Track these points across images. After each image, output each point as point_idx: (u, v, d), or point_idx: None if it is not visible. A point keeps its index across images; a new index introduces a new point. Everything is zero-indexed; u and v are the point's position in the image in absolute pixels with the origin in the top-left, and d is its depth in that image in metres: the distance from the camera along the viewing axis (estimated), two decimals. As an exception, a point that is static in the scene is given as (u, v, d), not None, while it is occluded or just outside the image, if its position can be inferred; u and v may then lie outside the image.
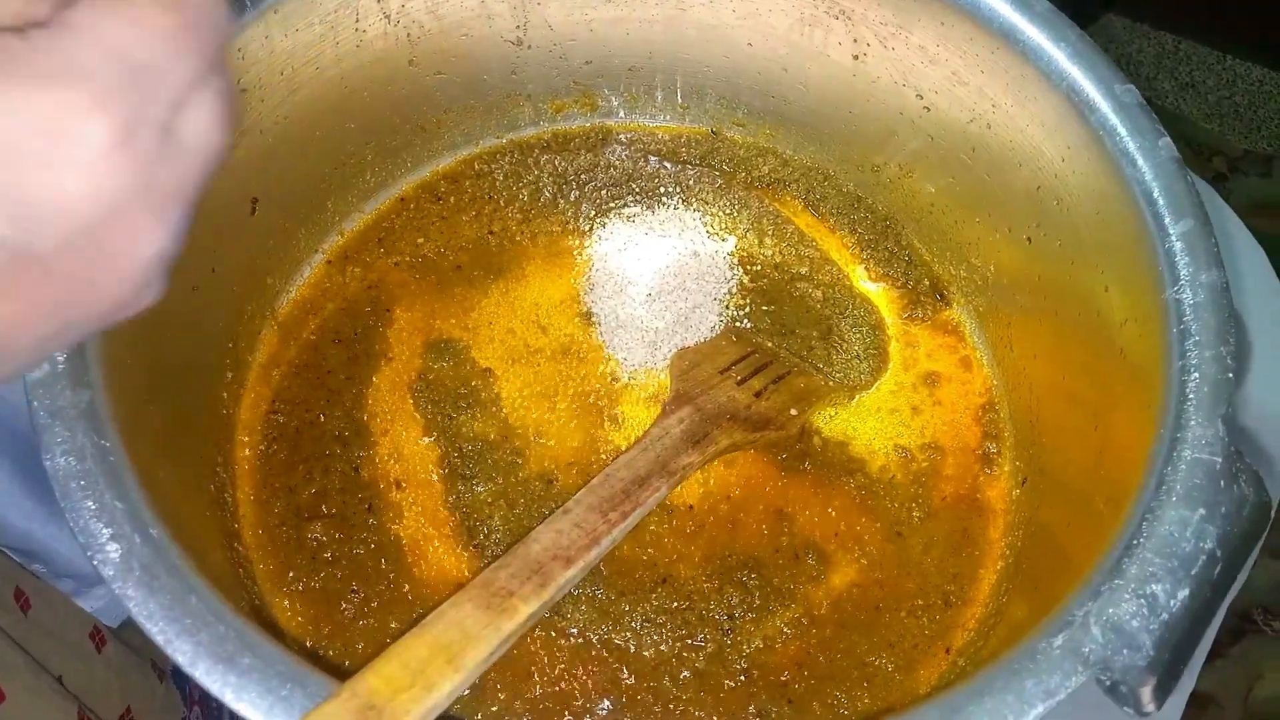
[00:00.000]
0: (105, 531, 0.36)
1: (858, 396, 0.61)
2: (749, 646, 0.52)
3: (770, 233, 0.65)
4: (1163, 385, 0.43)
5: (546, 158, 0.67)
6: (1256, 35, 1.47)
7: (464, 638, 0.39)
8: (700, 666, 0.52)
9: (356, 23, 0.55)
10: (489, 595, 0.41)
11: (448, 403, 0.58)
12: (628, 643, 0.52)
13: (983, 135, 0.55)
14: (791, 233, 0.65)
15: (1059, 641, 0.37)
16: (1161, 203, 0.46)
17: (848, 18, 0.56)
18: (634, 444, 0.52)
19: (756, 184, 0.67)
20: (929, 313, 0.63)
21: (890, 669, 0.52)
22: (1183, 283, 0.44)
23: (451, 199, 0.66)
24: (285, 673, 0.35)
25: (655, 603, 0.53)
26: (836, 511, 0.56)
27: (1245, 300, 0.70)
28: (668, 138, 0.68)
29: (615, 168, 0.67)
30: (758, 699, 0.51)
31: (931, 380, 0.61)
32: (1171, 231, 0.45)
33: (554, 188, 0.67)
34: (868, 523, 0.56)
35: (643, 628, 0.52)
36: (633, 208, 0.66)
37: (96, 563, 0.36)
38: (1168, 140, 0.47)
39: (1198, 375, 0.42)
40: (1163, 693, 0.37)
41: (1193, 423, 0.41)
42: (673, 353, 0.60)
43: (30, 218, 0.22)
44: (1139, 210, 0.46)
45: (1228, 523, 0.39)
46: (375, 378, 0.59)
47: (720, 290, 0.63)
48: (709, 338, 0.61)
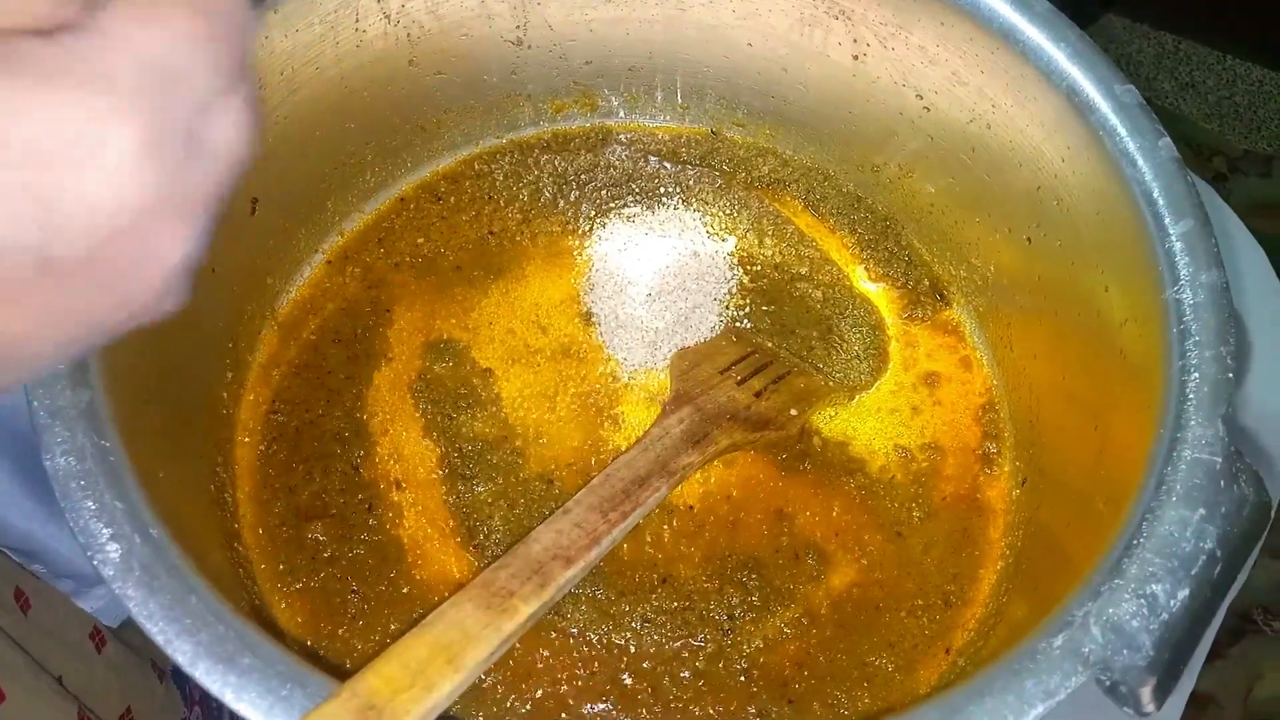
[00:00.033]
0: (105, 531, 0.37)
1: (858, 396, 0.61)
2: (749, 646, 0.52)
3: (770, 233, 0.65)
4: (1163, 385, 0.43)
5: (546, 158, 0.67)
6: (1256, 35, 1.47)
7: (464, 638, 0.39)
8: (700, 666, 0.52)
9: (356, 23, 0.55)
10: (489, 595, 0.41)
11: (448, 403, 0.58)
12: (628, 643, 0.52)
13: (982, 135, 0.55)
14: (791, 233, 0.65)
15: (1059, 642, 0.37)
16: (1161, 203, 0.46)
17: (847, 18, 0.56)
18: (634, 444, 0.52)
19: (756, 184, 0.67)
20: (929, 313, 0.63)
21: (890, 669, 0.52)
22: (1183, 283, 0.44)
23: (451, 199, 0.66)
24: (285, 673, 0.35)
25: (655, 603, 0.53)
26: (836, 512, 0.56)
27: (1245, 300, 0.70)
28: (668, 138, 0.68)
29: (615, 168, 0.67)
30: (758, 699, 0.51)
31: (931, 380, 0.61)
32: (1171, 231, 0.45)
33: (554, 188, 0.67)
34: (868, 523, 0.56)
35: (643, 628, 0.52)
36: (633, 208, 0.66)
37: (96, 563, 0.36)
38: (1168, 140, 0.47)
39: (1198, 375, 0.42)
40: (1163, 693, 0.37)
41: (1193, 423, 0.41)
42: (673, 353, 0.60)
43: (57, 223, 0.22)
44: (1139, 210, 0.46)
45: (1228, 523, 0.39)
46: (375, 378, 0.59)
47: (720, 290, 0.63)
48: (709, 338, 0.61)
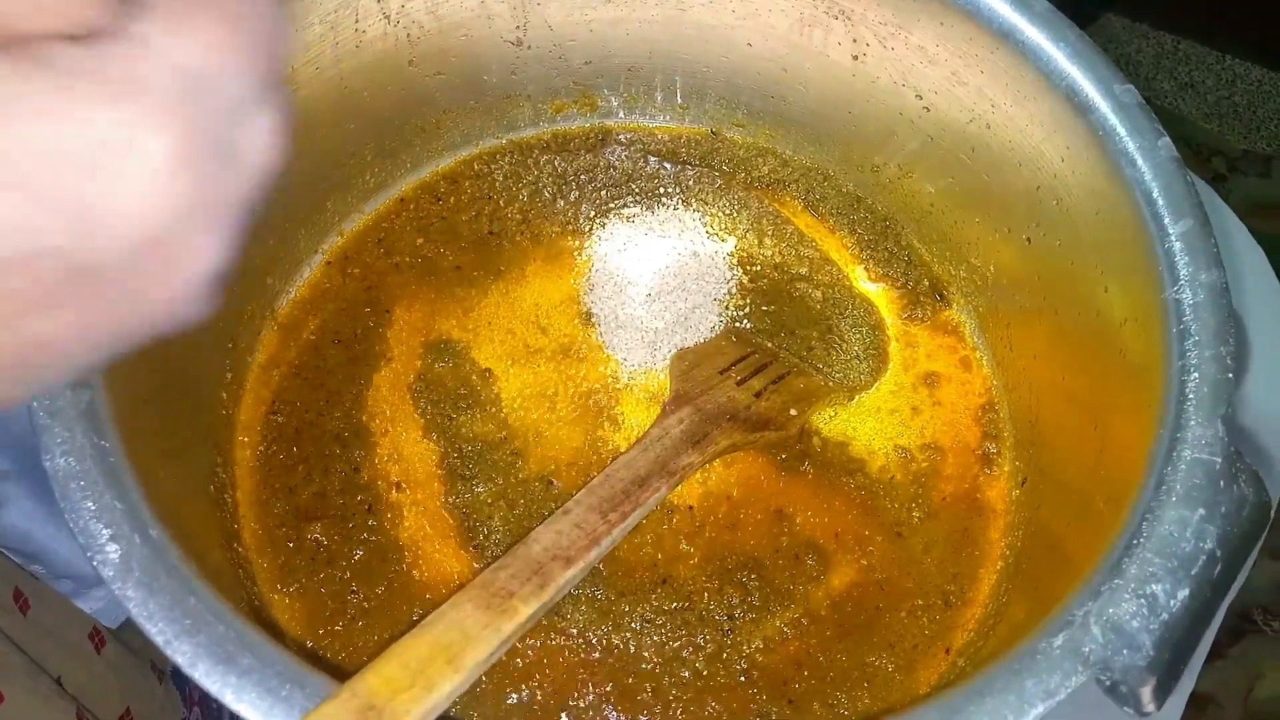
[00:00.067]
0: (105, 532, 0.37)
1: (857, 397, 0.61)
2: (749, 647, 0.52)
3: (770, 233, 0.65)
4: (1162, 385, 0.43)
5: (546, 158, 0.67)
6: (1256, 35, 1.47)
7: (464, 638, 0.39)
8: (700, 667, 0.52)
9: (356, 23, 0.55)
10: (489, 596, 0.41)
11: (447, 403, 0.58)
12: (627, 643, 0.52)
13: (982, 135, 0.55)
14: (791, 233, 0.65)
15: (1059, 641, 0.37)
16: (1161, 203, 0.46)
17: (847, 18, 0.56)
18: (634, 444, 0.52)
19: (756, 184, 0.67)
20: (929, 313, 0.63)
21: (890, 669, 0.52)
22: (1182, 283, 0.44)
23: (451, 199, 0.66)
24: (285, 673, 0.35)
25: (655, 603, 0.53)
26: (836, 512, 0.56)
27: (1244, 300, 0.70)
28: (667, 138, 0.68)
29: (615, 168, 0.67)
30: (758, 699, 0.51)
31: (931, 380, 0.61)
32: (1171, 231, 0.45)
33: (554, 188, 0.67)
34: (868, 523, 0.56)
35: (642, 628, 0.52)
36: (632, 208, 0.66)
37: (96, 563, 0.36)
38: (1167, 140, 0.47)
39: (1197, 375, 0.42)
40: (1163, 693, 0.37)
41: (1192, 423, 0.41)
42: (672, 353, 0.60)
43: (88, 230, 0.22)
44: (1138, 210, 0.46)
45: (1227, 523, 0.39)
46: (375, 378, 0.59)
47: (720, 291, 0.63)
48: (709, 338, 0.61)
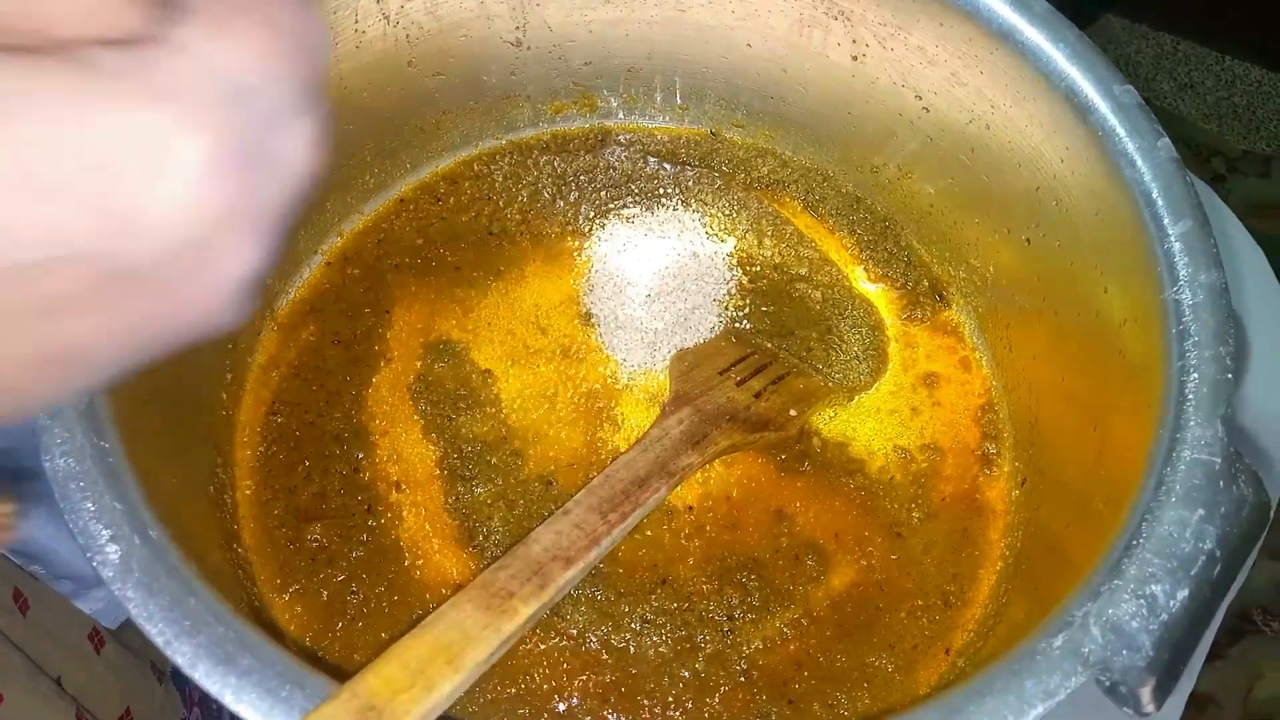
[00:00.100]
0: (105, 533, 0.37)
1: (857, 397, 0.61)
2: (749, 647, 0.52)
3: (769, 234, 0.65)
4: (1162, 386, 0.43)
5: (546, 159, 0.67)
6: (1255, 36, 1.47)
7: (464, 638, 0.39)
8: (700, 667, 0.52)
9: (356, 24, 0.55)
10: (489, 596, 0.41)
11: (447, 404, 0.58)
12: (627, 644, 0.52)
13: (981, 136, 0.55)
14: (791, 234, 0.65)
15: (1058, 642, 0.37)
16: (1160, 203, 0.46)
17: (846, 18, 0.56)
18: (633, 445, 0.52)
19: (756, 185, 0.67)
20: (928, 314, 0.63)
21: (890, 670, 0.52)
22: (1182, 283, 0.44)
23: (451, 200, 0.66)
24: (285, 674, 0.35)
25: (655, 604, 0.53)
26: (836, 512, 0.56)
27: (1244, 301, 0.70)
28: (667, 139, 0.68)
29: (614, 169, 0.67)
30: (758, 700, 0.51)
31: (931, 381, 0.61)
32: (1170, 232, 0.45)
33: (553, 189, 0.67)
34: (867, 523, 0.56)
35: (642, 629, 0.52)
36: (632, 209, 0.66)
37: (96, 564, 0.36)
38: (1166, 141, 0.47)
39: (1197, 376, 0.42)
40: (1162, 693, 0.37)
41: (1192, 423, 0.41)
42: (672, 354, 0.60)
43: (124, 232, 0.22)
44: (1138, 211, 0.46)
45: (1227, 523, 0.39)
46: (375, 379, 0.59)
47: (719, 291, 0.63)
48: (708, 339, 0.61)
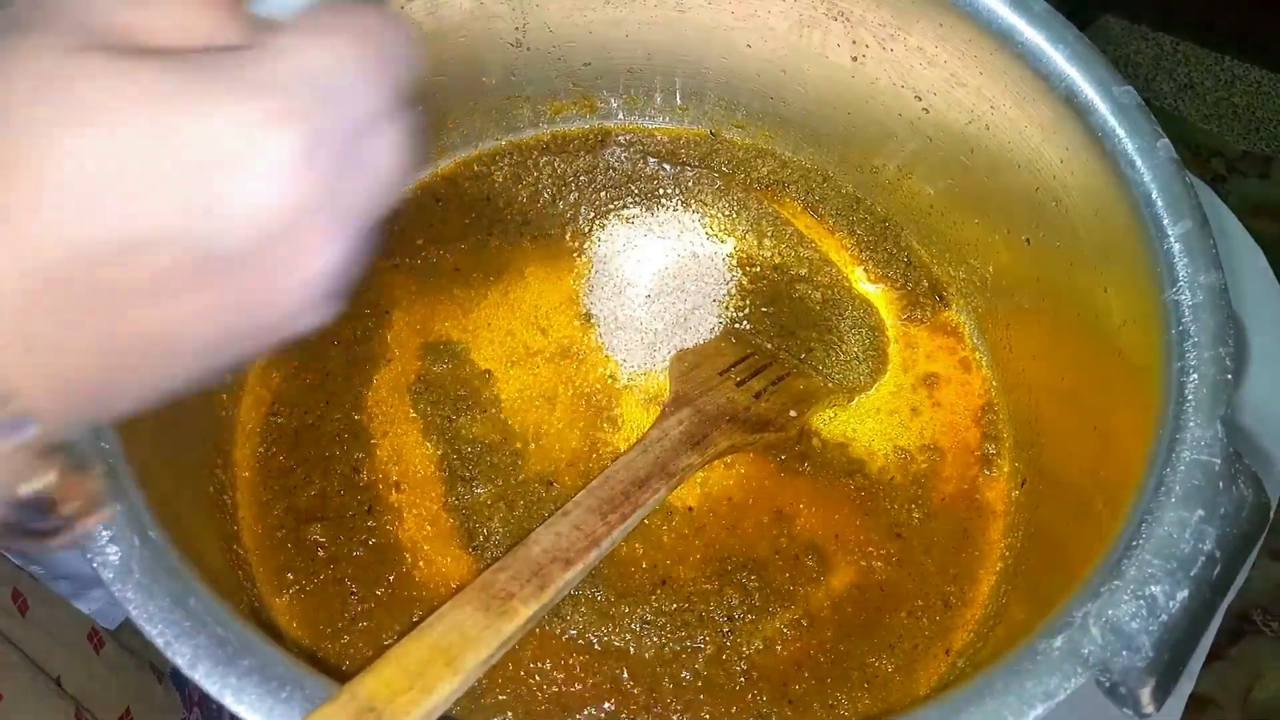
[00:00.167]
0: (104, 534, 0.36)
1: (857, 398, 0.61)
2: (749, 648, 0.52)
3: (769, 234, 0.65)
4: (1161, 386, 0.43)
5: (545, 159, 0.67)
6: (1255, 36, 1.47)
7: (463, 640, 0.39)
8: (700, 668, 0.52)
9: (355, 24, 0.55)
10: (488, 597, 0.41)
11: (447, 404, 0.58)
12: (627, 644, 0.52)
13: (981, 137, 0.55)
14: (791, 234, 0.65)
15: (1058, 643, 0.37)
16: (1160, 204, 0.46)
17: (846, 19, 0.56)
18: (633, 446, 0.52)
19: (756, 185, 0.67)
20: (928, 314, 0.63)
21: (890, 670, 0.52)
22: (1181, 284, 0.44)
23: (451, 200, 0.66)
24: (285, 675, 0.35)
25: (655, 604, 0.53)
26: (836, 513, 0.56)
27: (1244, 301, 0.70)
28: (667, 139, 0.68)
29: (614, 169, 0.67)
30: (757, 700, 0.51)
31: (931, 381, 0.61)
32: (1170, 233, 0.45)
33: (553, 189, 0.67)
34: (867, 524, 0.56)
35: (642, 629, 0.52)
36: (632, 209, 0.66)
37: (96, 565, 0.36)
38: (1166, 141, 0.47)
39: (1196, 376, 0.42)
40: (1162, 694, 0.37)
41: (1191, 424, 0.41)
42: (672, 354, 0.60)
43: (213, 218, 0.23)
44: (1138, 212, 0.46)
45: (1226, 524, 0.39)
46: (375, 379, 0.59)
47: (719, 292, 0.63)
48: (708, 339, 0.61)
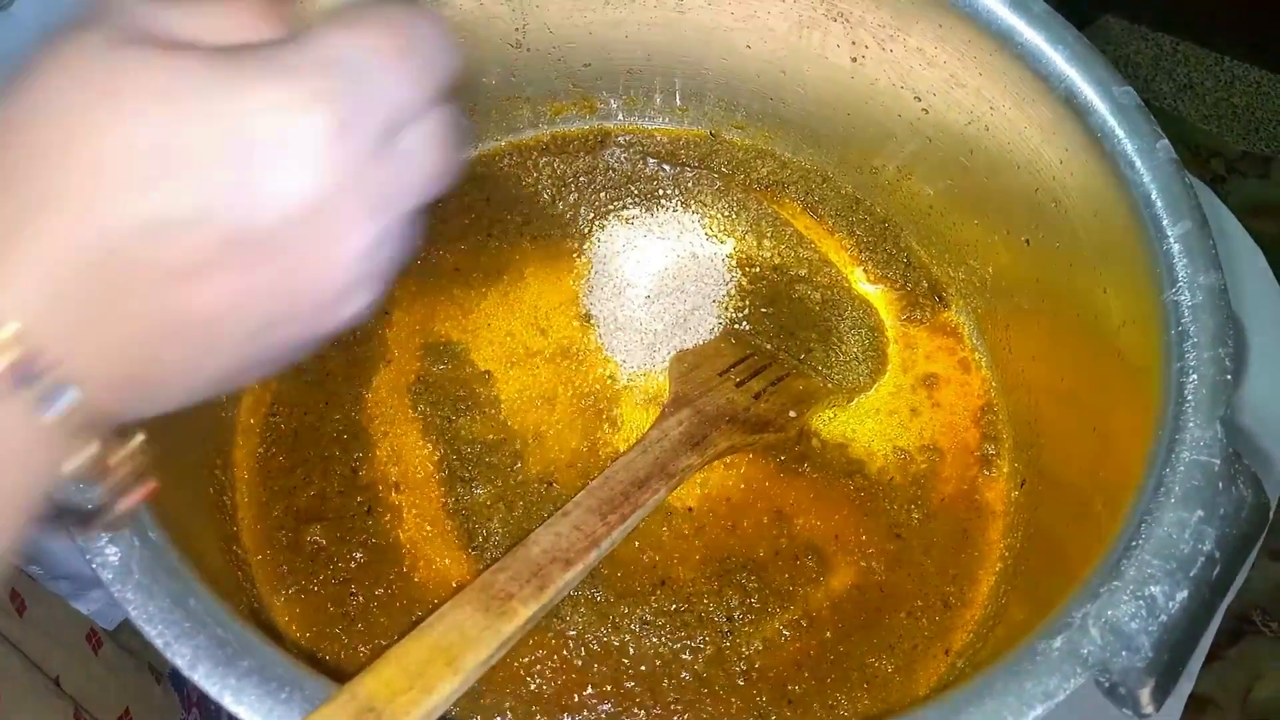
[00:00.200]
0: (103, 534, 0.36)
1: (856, 398, 0.61)
2: (748, 648, 0.52)
3: (769, 235, 0.65)
4: (1161, 387, 0.43)
5: (545, 160, 0.67)
6: (1255, 37, 1.47)
7: (463, 640, 0.39)
8: (699, 669, 0.52)
9: (355, 25, 0.55)
10: (488, 598, 0.41)
11: (447, 405, 0.58)
12: (626, 645, 0.52)
13: (981, 137, 0.55)
14: (790, 235, 0.65)
15: (1058, 643, 0.37)
16: (1160, 204, 0.46)
17: (846, 20, 0.56)
18: (633, 446, 0.52)
19: (755, 186, 0.67)
20: (928, 315, 0.63)
21: (890, 670, 0.52)
22: (1181, 284, 0.44)
23: (451, 201, 0.66)
24: (284, 675, 0.35)
25: (654, 605, 0.53)
26: (836, 513, 0.56)
27: (1244, 302, 0.70)
28: (666, 140, 0.68)
29: (614, 170, 0.67)
30: (757, 701, 0.51)
31: (930, 382, 0.61)
32: (1170, 233, 0.45)
33: (553, 190, 0.67)
34: (867, 524, 0.56)
35: (642, 630, 0.52)
36: (631, 210, 0.66)
37: (95, 566, 0.36)
38: (1166, 142, 0.47)
39: (1196, 377, 0.42)
40: (1161, 694, 0.37)
41: (1191, 424, 0.41)
42: (671, 355, 0.60)
43: (247, 194, 0.24)
44: (1137, 212, 0.46)
45: (1226, 524, 0.39)
46: (374, 380, 0.59)
47: (719, 292, 0.63)
48: (708, 340, 0.61)
